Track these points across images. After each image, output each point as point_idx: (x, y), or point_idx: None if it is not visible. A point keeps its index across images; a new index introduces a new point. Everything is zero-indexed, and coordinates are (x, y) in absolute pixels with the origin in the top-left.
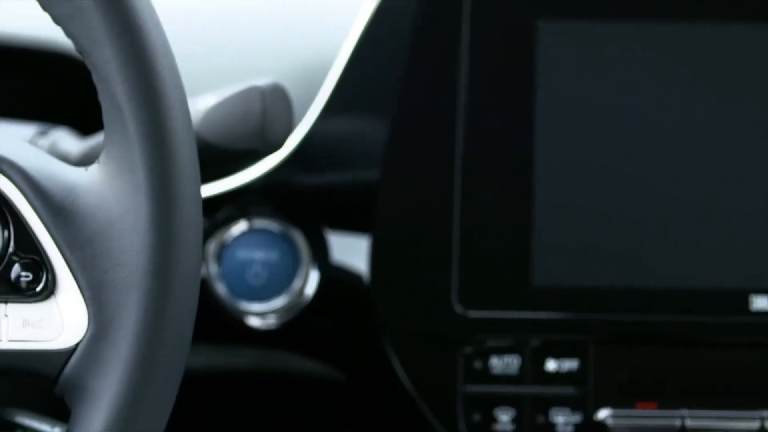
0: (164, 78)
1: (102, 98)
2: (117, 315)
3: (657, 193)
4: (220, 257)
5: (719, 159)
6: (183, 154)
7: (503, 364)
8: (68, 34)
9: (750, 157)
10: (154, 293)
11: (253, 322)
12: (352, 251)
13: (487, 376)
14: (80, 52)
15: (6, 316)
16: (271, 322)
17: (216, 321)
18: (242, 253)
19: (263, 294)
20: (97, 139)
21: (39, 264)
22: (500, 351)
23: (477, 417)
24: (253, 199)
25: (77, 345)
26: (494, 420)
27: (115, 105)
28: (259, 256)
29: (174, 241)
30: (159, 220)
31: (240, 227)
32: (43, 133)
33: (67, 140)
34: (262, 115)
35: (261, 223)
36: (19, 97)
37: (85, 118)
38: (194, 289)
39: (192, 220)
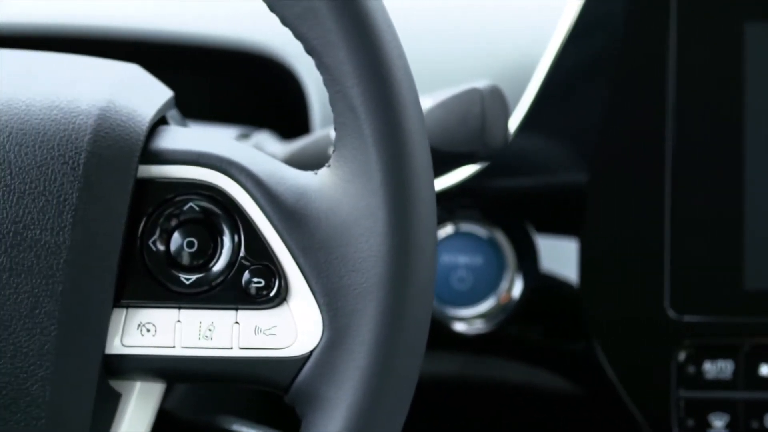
0: (399, 80)
1: (334, 100)
2: (353, 322)
3: None
4: None
5: None
6: (419, 157)
7: (716, 369)
8: (298, 35)
9: None
10: (391, 300)
11: (459, 327)
12: (559, 255)
13: (700, 381)
14: (310, 53)
15: (237, 323)
16: (478, 327)
17: None
18: (447, 258)
19: (468, 299)
20: (302, 142)
21: (271, 270)
22: (713, 356)
23: (690, 422)
24: (461, 202)
25: (311, 352)
26: (708, 425)
27: (349, 107)
28: (463, 260)
29: (411, 246)
30: (397, 225)
31: (446, 230)
32: (245, 136)
33: (271, 143)
34: (482, 117)
35: (467, 226)
36: (214, 100)
37: (280, 120)
38: (429, 295)
39: (428, 225)
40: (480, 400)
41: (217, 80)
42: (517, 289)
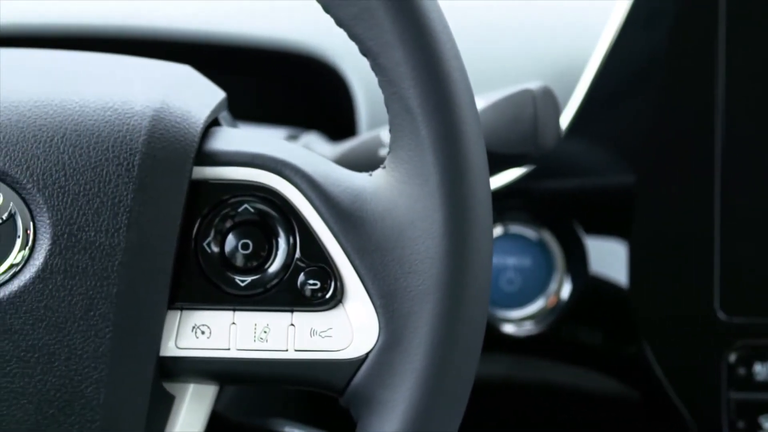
0: (456, 81)
1: (389, 101)
2: (410, 324)
3: None
4: None
5: None
6: (475, 159)
7: (767, 370)
8: (353, 36)
9: None
10: (448, 302)
11: (508, 329)
12: (608, 256)
13: (751, 382)
14: (365, 55)
15: (292, 325)
16: (526, 328)
17: None
18: (495, 259)
19: (517, 300)
20: (351, 143)
21: (326, 272)
22: (763, 357)
23: (741, 424)
24: (510, 204)
25: (367, 354)
26: (759, 427)
27: (405, 108)
28: (512, 261)
29: (468, 247)
30: (453, 227)
31: (495, 232)
32: (293, 138)
33: (319, 145)
34: (534, 118)
35: (516, 228)
36: (259, 101)
37: (326, 121)
38: (486, 296)
39: (485, 226)
40: (529, 401)
41: (261, 81)
42: (566, 290)
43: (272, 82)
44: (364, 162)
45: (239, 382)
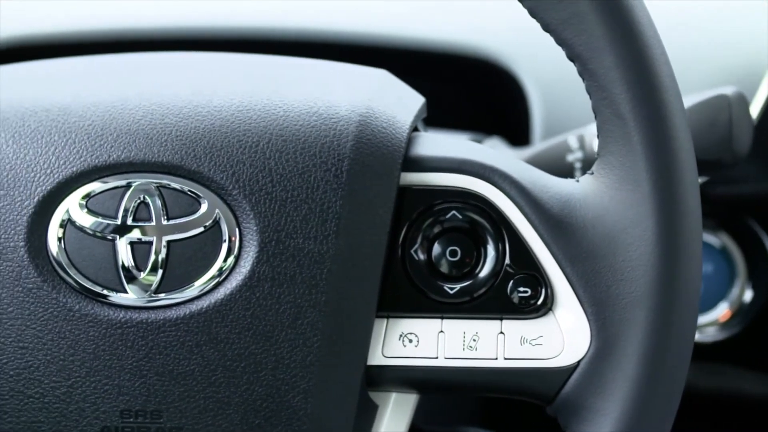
0: (667, 87)
1: (599, 106)
2: (622, 331)
3: None
4: None
5: None
6: (687, 166)
7: None
8: (561, 40)
9: None
10: (661, 309)
11: None
12: None
13: None
14: (573, 59)
15: (502, 333)
16: (709, 334)
17: None
18: None
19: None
20: (536, 148)
21: (537, 279)
22: None
23: None
24: None
25: (578, 363)
26: None
27: (616, 114)
28: None
29: (682, 254)
30: (666, 234)
31: None
32: (477, 143)
33: (504, 150)
34: (729, 124)
35: None
36: (436, 105)
37: (499, 126)
38: (696, 304)
39: (696, 233)
40: (715, 409)
41: (435, 84)
42: (748, 296)
43: (446, 86)
44: (551, 167)
45: (445, 392)
